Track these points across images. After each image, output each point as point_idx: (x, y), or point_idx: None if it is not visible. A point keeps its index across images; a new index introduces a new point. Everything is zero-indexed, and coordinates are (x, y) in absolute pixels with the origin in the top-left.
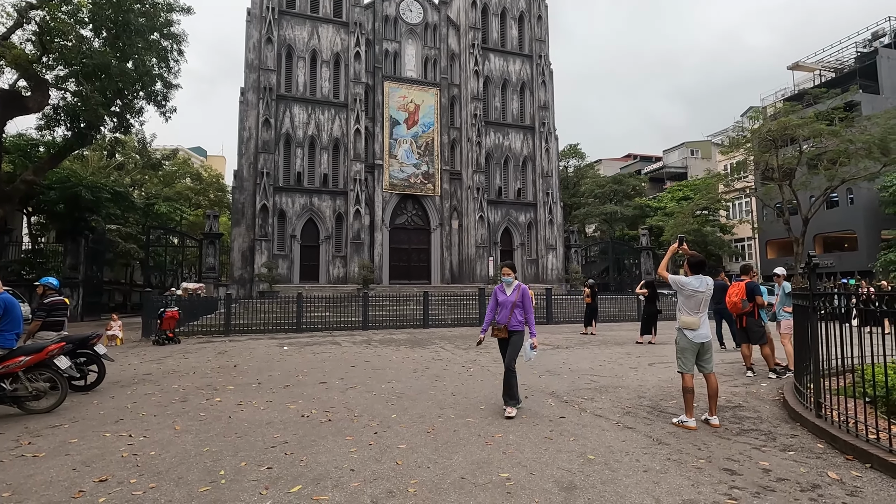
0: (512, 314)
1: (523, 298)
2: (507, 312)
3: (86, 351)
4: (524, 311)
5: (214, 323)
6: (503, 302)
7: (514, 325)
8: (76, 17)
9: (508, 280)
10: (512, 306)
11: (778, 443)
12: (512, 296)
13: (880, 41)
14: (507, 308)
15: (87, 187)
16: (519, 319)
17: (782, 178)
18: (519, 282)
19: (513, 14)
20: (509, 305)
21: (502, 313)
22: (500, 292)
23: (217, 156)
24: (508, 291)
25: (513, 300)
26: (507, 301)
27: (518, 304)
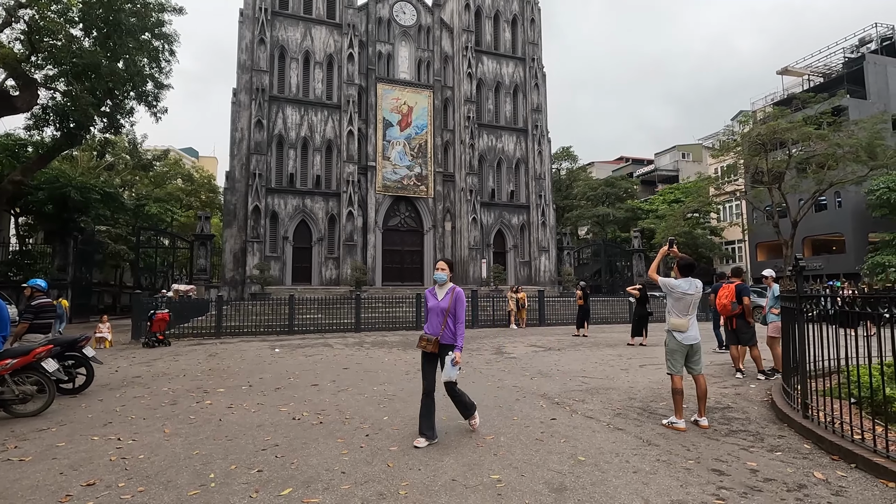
0: (445, 324)
1: (456, 305)
2: (438, 321)
3: (74, 353)
4: (454, 320)
5: (205, 325)
6: (433, 308)
7: (447, 337)
8: (66, 16)
9: (442, 277)
10: (444, 314)
11: (765, 443)
12: (444, 300)
13: (867, 47)
14: (438, 316)
15: (77, 188)
16: (453, 331)
17: (772, 182)
18: (454, 284)
19: (506, 17)
20: (440, 313)
21: (432, 322)
22: (430, 296)
23: (209, 157)
24: (440, 294)
25: (444, 306)
26: (437, 307)
27: (451, 312)
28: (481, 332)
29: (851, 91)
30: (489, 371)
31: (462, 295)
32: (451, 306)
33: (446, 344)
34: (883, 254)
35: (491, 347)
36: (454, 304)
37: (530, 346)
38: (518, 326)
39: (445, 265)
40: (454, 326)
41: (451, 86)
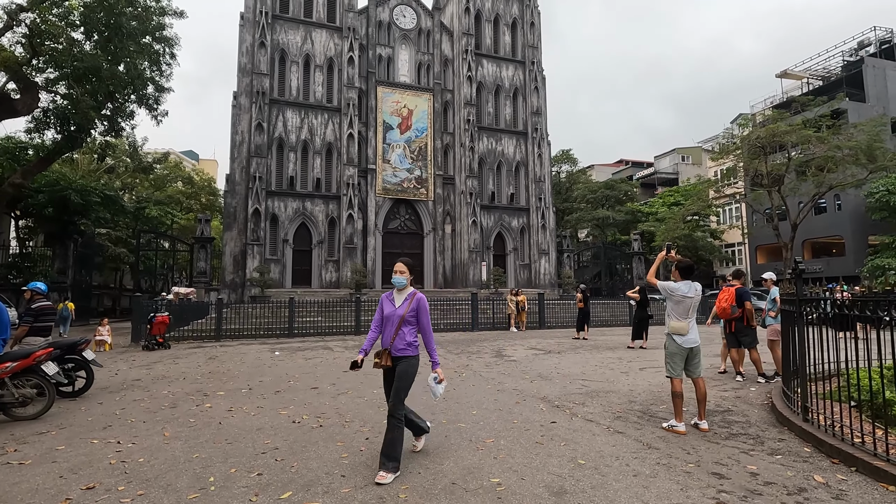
0: (398, 334)
1: (418, 312)
2: (392, 331)
3: (74, 356)
4: (420, 330)
5: (205, 328)
6: (389, 316)
7: (399, 348)
8: (67, 20)
9: (401, 282)
10: (399, 322)
11: (766, 447)
12: (402, 307)
13: (866, 50)
14: (393, 324)
15: (77, 190)
16: (408, 341)
17: (771, 185)
18: (414, 289)
19: (506, 20)
20: (396, 321)
21: (387, 332)
22: (386, 302)
23: (209, 159)
24: (398, 300)
25: (401, 314)
26: (393, 315)
27: (410, 320)
28: (481, 334)
29: (850, 94)
30: (489, 374)
31: (425, 301)
32: (407, 313)
33: (399, 356)
34: (883, 256)
35: (491, 350)
36: (415, 312)
37: (530, 349)
38: (518, 329)
39: (404, 267)
40: (410, 336)
41: (451, 89)
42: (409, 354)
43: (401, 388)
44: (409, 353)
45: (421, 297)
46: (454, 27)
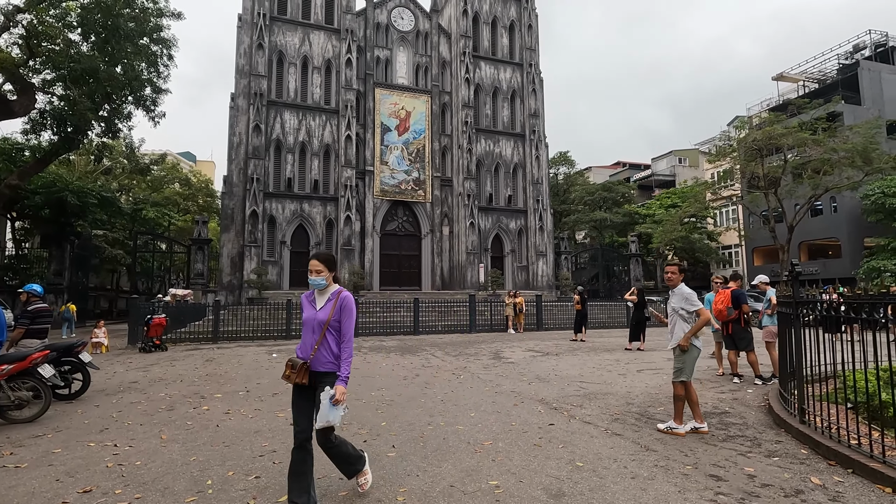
0: (322, 343)
1: (341, 316)
2: (313, 339)
3: (70, 359)
4: (338, 338)
5: (202, 330)
6: (307, 321)
7: (323, 362)
8: (64, 21)
9: (319, 283)
10: (322, 329)
11: (763, 449)
12: (323, 310)
13: (861, 53)
14: (314, 331)
15: (73, 192)
16: (332, 352)
17: (768, 187)
18: (340, 287)
19: (503, 23)
20: (316, 327)
21: (306, 340)
22: (305, 304)
23: (206, 161)
24: (319, 302)
25: (322, 318)
26: (312, 319)
27: (333, 327)
28: (479, 336)
29: (846, 97)
30: (487, 376)
31: (351, 302)
32: (331, 318)
33: (321, 371)
34: (878, 258)
35: (489, 352)
36: (338, 316)
37: (528, 350)
38: (516, 331)
39: (321, 265)
40: (336, 346)
41: (449, 91)
42: (335, 371)
43: (320, 411)
44: (334, 370)
45: (346, 297)
46: (452, 29)
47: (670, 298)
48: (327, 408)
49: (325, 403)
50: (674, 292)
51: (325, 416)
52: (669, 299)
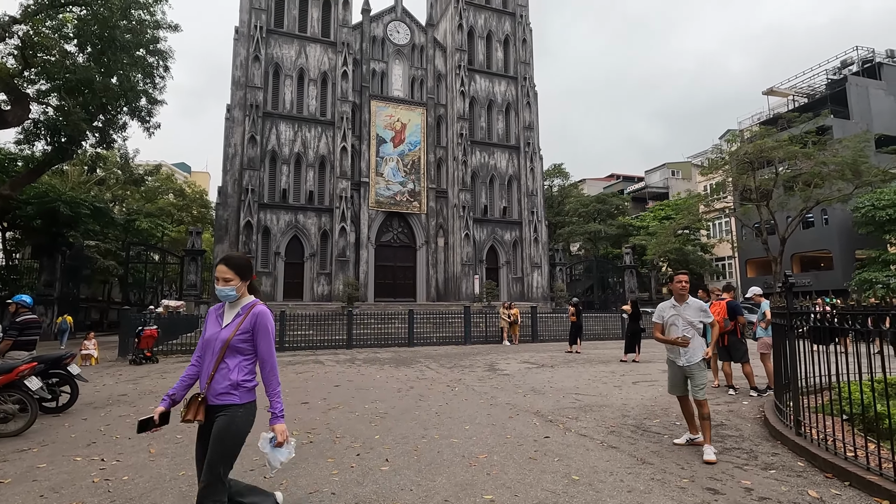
0: (218, 369)
1: (254, 333)
2: (212, 364)
3: (58, 371)
4: (258, 361)
5: (194, 342)
6: (208, 340)
7: (219, 391)
8: (61, 32)
9: (228, 293)
10: (222, 350)
11: (759, 461)
12: (229, 327)
13: (849, 69)
14: (214, 354)
15: (66, 202)
16: (236, 381)
17: (760, 199)
18: (255, 300)
19: (498, 37)
20: (217, 349)
21: (205, 365)
22: (211, 319)
23: (201, 171)
24: (227, 317)
25: (226, 337)
26: (215, 339)
27: (240, 347)
28: (474, 348)
29: (835, 111)
30: (482, 388)
31: (266, 318)
32: (233, 337)
33: (217, 404)
34: (870, 270)
35: (484, 364)
36: (247, 335)
37: (523, 362)
38: (511, 343)
39: (231, 272)
40: (237, 373)
41: (445, 103)
42: (234, 402)
43: (217, 460)
44: (233, 401)
45: (261, 312)
46: (447, 43)
47: (683, 310)
48: (269, 449)
49: (266, 443)
50: (688, 304)
51: (274, 458)
52: (681, 310)
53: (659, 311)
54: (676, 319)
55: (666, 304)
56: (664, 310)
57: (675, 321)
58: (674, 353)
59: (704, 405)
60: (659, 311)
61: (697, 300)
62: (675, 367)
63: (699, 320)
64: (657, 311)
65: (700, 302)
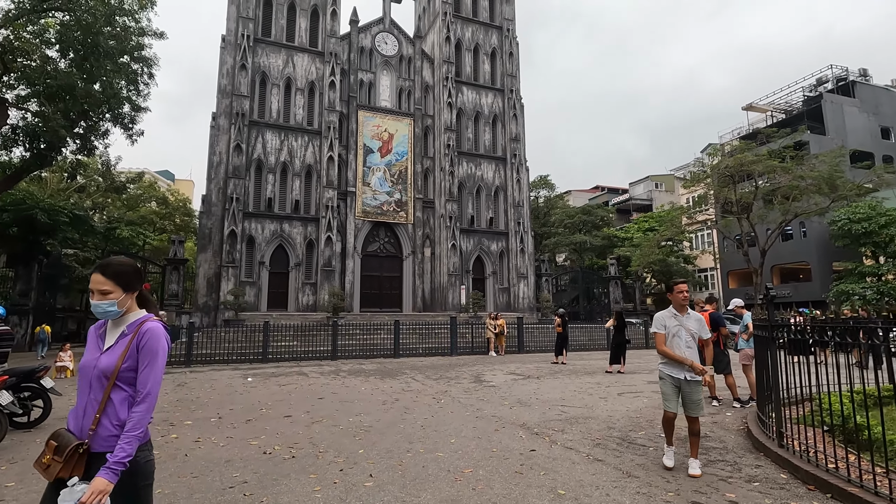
0: (107, 407)
1: (141, 361)
2: (96, 397)
3: (31, 384)
4: (137, 390)
5: (175, 353)
6: (85, 366)
7: (105, 436)
8: (42, 38)
9: (108, 309)
10: (108, 383)
11: (743, 474)
12: (111, 352)
13: (824, 87)
14: (93, 384)
15: (44, 210)
16: (117, 423)
17: (740, 212)
18: (147, 314)
19: (485, 50)
20: (97, 381)
21: (80, 402)
22: (92, 341)
23: (185, 179)
24: (109, 338)
25: (108, 366)
26: (92, 366)
27: (131, 377)
28: (460, 359)
29: (811, 127)
30: (468, 400)
31: (156, 338)
32: (120, 366)
33: (102, 451)
34: (847, 282)
35: (470, 375)
36: (138, 360)
37: (509, 373)
38: (497, 353)
39: (106, 281)
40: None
41: (432, 114)
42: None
43: None
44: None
45: (149, 330)
46: (435, 55)
47: (685, 320)
48: None
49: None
50: (689, 315)
51: None
52: (684, 321)
53: (660, 321)
54: (679, 330)
55: (666, 314)
56: (665, 319)
57: (679, 332)
58: (673, 367)
59: (697, 422)
60: (660, 320)
61: (695, 312)
62: (671, 381)
63: (700, 333)
64: (657, 321)
65: (697, 314)
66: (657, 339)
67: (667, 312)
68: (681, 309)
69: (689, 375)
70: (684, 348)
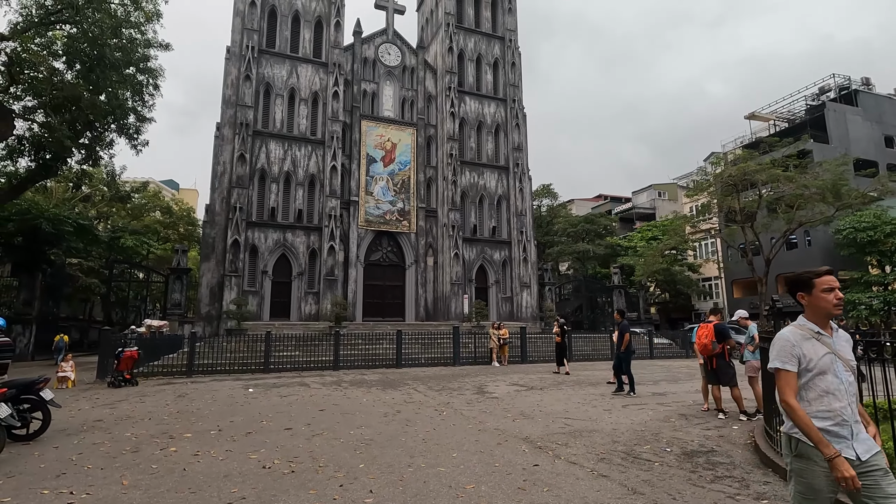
0: None
1: None
2: None
3: (30, 396)
4: None
5: (176, 363)
6: None
7: None
8: (50, 49)
9: None
10: None
11: (751, 490)
12: None
13: (826, 95)
14: None
15: (49, 219)
16: None
17: (744, 221)
18: None
19: (488, 60)
20: None
21: None
22: None
23: (190, 189)
24: None
25: None
26: None
27: None
28: (463, 369)
29: (814, 136)
30: (470, 412)
31: None
32: None
33: None
34: (853, 292)
35: (472, 386)
36: None
37: (512, 384)
38: (500, 364)
39: None
40: None
41: (435, 124)
42: None
43: None
44: None
45: None
46: (438, 65)
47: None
48: None
49: None
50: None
51: None
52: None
53: (787, 348)
54: (831, 363)
55: (797, 334)
56: (801, 344)
57: (830, 366)
58: (830, 434)
59: None
60: (787, 345)
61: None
62: (822, 469)
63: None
64: (783, 349)
65: (845, 332)
66: (784, 383)
67: (797, 332)
68: (825, 321)
69: (865, 448)
70: (845, 394)
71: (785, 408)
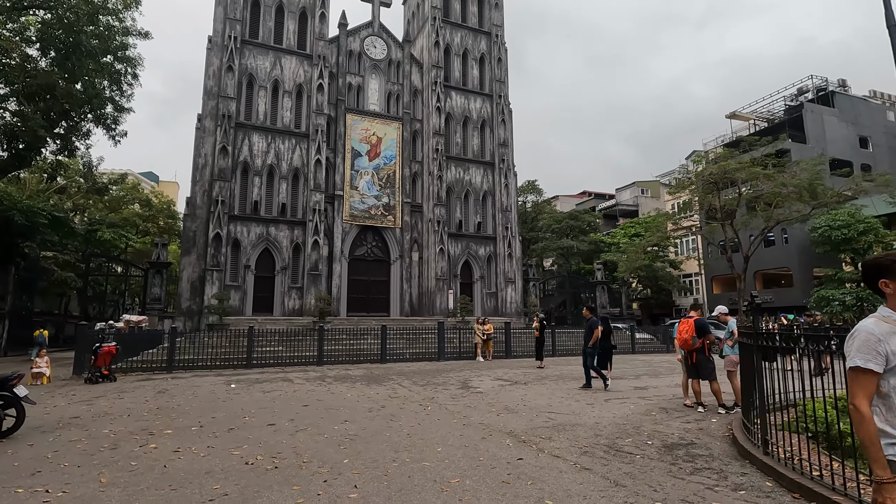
0: None
1: None
2: None
3: (3, 393)
4: None
5: (156, 358)
6: None
7: None
8: (22, 35)
9: None
10: None
11: (729, 482)
12: None
13: (805, 96)
14: None
15: (22, 211)
16: None
17: (724, 218)
18: None
19: (474, 55)
20: None
21: None
22: None
23: (170, 181)
24: None
25: None
26: None
27: None
28: (448, 364)
29: (792, 135)
30: (455, 407)
31: None
32: None
33: None
34: (827, 288)
35: (457, 381)
36: None
37: (497, 379)
38: (485, 359)
39: None
40: None
41: (421, 119)
42: None
43: None
44: None
45: None
46: (424, 59)
47: None
48: None
49: None
50: None
51: None
52: None
53: (872, 343)
54: None
55: (884, 327)
56: (886, 338)
57: None
58: None
59: None
60: (871, 339)
61: None
62: None
63: None
64: (865, 342)
65: None
66: (859, 385)
67: (885, 323)
68: None
69: None
70: None
71: (853, 414)
